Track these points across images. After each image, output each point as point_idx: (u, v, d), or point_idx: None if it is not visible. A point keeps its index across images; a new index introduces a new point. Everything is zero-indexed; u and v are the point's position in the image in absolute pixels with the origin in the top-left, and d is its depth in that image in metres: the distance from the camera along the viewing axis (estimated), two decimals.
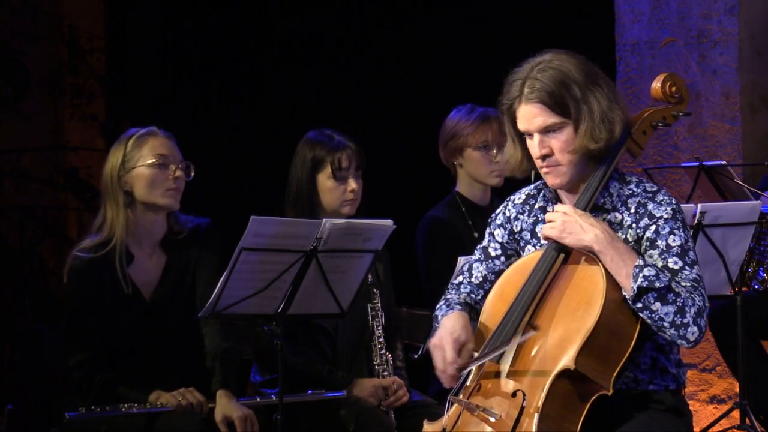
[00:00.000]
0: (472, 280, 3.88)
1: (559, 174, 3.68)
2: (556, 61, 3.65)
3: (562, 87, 3.61)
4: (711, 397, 6.64)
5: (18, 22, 7.91)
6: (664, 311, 3.51)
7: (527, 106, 3.65)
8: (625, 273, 3.54)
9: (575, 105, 3.61)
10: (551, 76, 3.62)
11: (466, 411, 3.59)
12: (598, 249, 3.57)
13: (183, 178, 4.70)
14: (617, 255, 3.56)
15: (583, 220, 3.60)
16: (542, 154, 3.66)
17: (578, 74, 3.63)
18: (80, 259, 4.64)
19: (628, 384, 3.65)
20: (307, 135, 5.08)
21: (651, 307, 3.51)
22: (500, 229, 3.88)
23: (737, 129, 6.64)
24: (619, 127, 3.64)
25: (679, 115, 3.81)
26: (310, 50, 7.82)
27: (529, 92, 3.64)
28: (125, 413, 4.48)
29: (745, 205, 5.39)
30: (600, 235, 3.57)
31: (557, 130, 3.64)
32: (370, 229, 4.48)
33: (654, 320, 3.52)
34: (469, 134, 5.47)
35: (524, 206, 3.85)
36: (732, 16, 6.65)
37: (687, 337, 3.52)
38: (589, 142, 3.62)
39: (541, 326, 3.56)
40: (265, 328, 4.89)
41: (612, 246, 3.57)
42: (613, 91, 3.67)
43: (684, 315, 3.51)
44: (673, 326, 3.51)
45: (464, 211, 5.52)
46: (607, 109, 3.63)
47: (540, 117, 3.64)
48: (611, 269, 3.56)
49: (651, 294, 3.51)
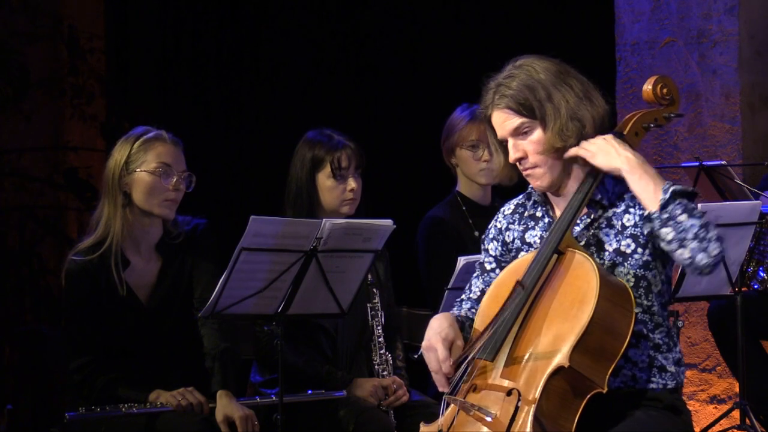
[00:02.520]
0: (471, 295, 3.92)
1: (539, 176, 3.73)
2: (526, 66, 3.72)
3: (527, 89, 3.68)
4: (711, 397, 6.64)
5: (18, 22, 7.91)
6: (690, 223, 3.53)
7: (497, 112, 3.73)
8: (653, 188, 3.57)
9: (539, 105, 3.68)
10: (518, 81, 3.70)
11: (462, 411, 3.59)
12: (627, 168, 3.61)
13: (182, 189, 4.68)
14: (646, 174, 3.60)
15: (619, 145, 3.65)
16: (516, 157, 3.73)
17: (544, 75, 3.70)
18: (75, 263, 4.63)
19: (626, 382, 3.66)
20: (306, 135, 5.09)
21: (677, 218, 3.53)
22: (493, 243, 3.92)
23: (737, 129, 6.64)
24: (589, 124, 3.69)
25: (671, 116, 3.83)
26: (310, 50, 7.82)
27: (498, 99, 3.72)
28: (125, 413, 4.49)
29: (745, 205, 5.39)
30: (631, 158, 3.62)
31: (527, 132, 3.70)
32: (370, 229, 4.48)
33: (678, 231, 3.53)
34: (459, 133, 5.50)
35: (514, 215, 3.89)
36: (732, 16, 6.65)
37: (709, 250, 3.53)
38: (557, 140, 3.67)
39: (524, 283, 3.60)
40: (265, 328, 4.89)
41: (642, 167, 3.61)
42: (585, 89, 3.72)
43: (707, 231, 3.54)
44: (696, 239, 3.53)
45: (465, 211, 5.53)
46: (575, 106, 3.67)
47: (508, 121, 3.71)
48: (637, 188, 3.59)
49: (680, 205, 3.54)
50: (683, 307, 6.48)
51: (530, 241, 3.82)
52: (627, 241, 3.68)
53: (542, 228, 3.80)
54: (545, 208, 3.81)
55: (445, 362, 3.64)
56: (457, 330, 3.71)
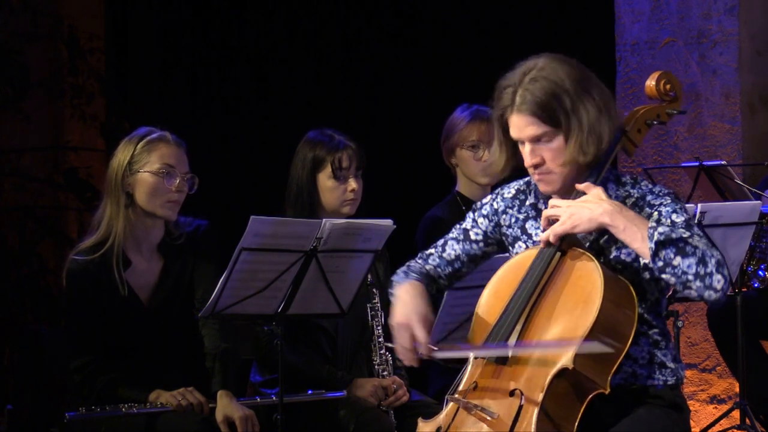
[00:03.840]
0: (444, 255, 3.90)
1: (551, 182, 3.70)
2: (548, 70, 3.64)
3: (553, 98, 3.61)
4: (711, 397, 6.64)
5: (18, 22, 7.91)
6: (686, 264, 3.49)
7: (520, 116, 3.66)
8: (640, 237, 3.52)
9: (566, 116, 3.62)
10: (543, 87, 3.62)
11: (464, 410, 3.59)
12: (609, 221, 3.55)
13: (185, 190, 4.68)
14: (629, 222, 3.54)
15: (584, 202, 3.60)
16: (533, 163, 3.68)
17: (570, 83, 3.62)
18: (77, 262, 4.62)
19: (627, 379, 3.66)
20: (307, 135, 5.08)
21: (672, 263, 3.49)
22: (485, 219, 3.89)
23: (737, 129, 6.64)
24: (606, 138, 3.64)
25: (673, 113, 3.81)
26: (310, 50, 7.82)
27: (520, 102, 3.64)
28: (125, 413, 4.48)
29: (745, 205, 5.39)
30: (608, 208, 3.56)
31: (548, 140, 3.65)
32: (370, 229, 4.48)
33: (678, 276, 3.49)
34: (459, 134, 5.49)
35: (514, 201, 3.86)
36: (732, 16, 6.65)
37: (714, 286, 3.49)
38: (578, 154, 3.63)
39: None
40: (265, 328, 4.89)
41: (622, 215, 3.55)
42: (604, 98, 3.66)
43: (706, 265, 3.49)
44: (698, 278, 3.48)
45: (464, 211, 5.51)
46: (595, 121, 3.62)
47: (531, 127, 3.65)
48: (626, 238, 3.55)
49: (670, 248, 3.49)
50: (683, 307, 6.48)
51: (531, 232, 3.80)
52: (628, 249, 3.65)
53: None
54: (548, 202, 3.77)
55: (425, 346, 3.63)
56: (430, 305, 3.71)
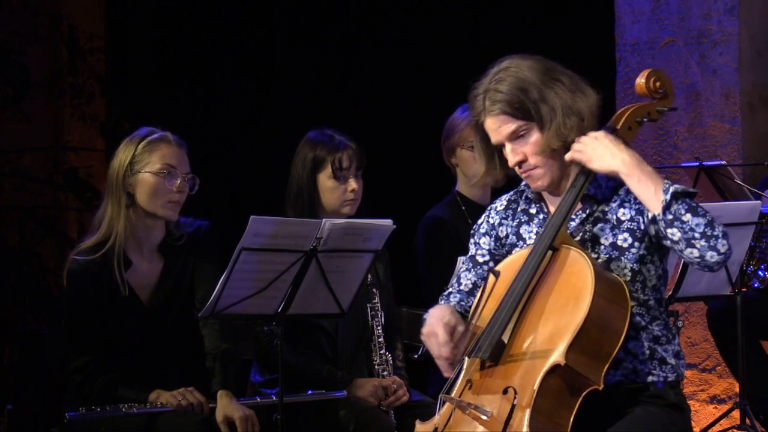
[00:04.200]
0: (462, 288, 3.90)
1: (539, 176, 3.72)
2: (512, 68, 3.69)
3: (520, 92, 3.66)
4: (711, 397, 6.64)
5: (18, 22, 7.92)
6: (695, 222, 3.50)
7: (491, 118, 3.70)
8: (653, 189, 3.54)
9: (535, 106, 3.65)
10: (508, 84, 3.67)
11: (458, 409, 3.59)
12: (625, 171, 3.57)
13: (186, 191, 4.68)
14: (644, 175, 3.57)
15: (613, 145, 3.61)
16: (516, 161, 3.71)
17: (533, 75, 3.66)
18: (78, 262, 4.62)
19: (627, 375, 3.66)
20: (307, 135, 5.08)
21: (682, 218, 3.51)
22: (486, 237, 3.91)
23: (737, 129, 6.64)
24: (587, 116, 3.66)
25: (664, 110, 3.81)
26: (310, 50, 7.82)
27: (490, 105, 3.69)
28: (125, 413, 4.49)
29: (745, 205, 5.40)
30: (627, 159, 3.58)
31: (525, 135, 3.68)
32: (370, 229, 4.48)
33: (684, 231, 3.50)
34: (459, 134, 5.50)
35: (507, 211, 3.89)
36: (732, 16, 6.65)
37: (717, 248, 3.50)
38: (555, 140, 3.65)
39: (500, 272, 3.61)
40: (265, 328, 4.89)
41: (639, 168, 3.58)
42: (573, 81, 3.69)
43: (714, 228, 3.51)
44: (704, 237, 3.50)
45: (464, 211, 5.53)
46: (569, 100, 3.66)
47: (504, 126, 3.69)
48: (638, 190, 3.57)
49: (683, 204, 3.51)
50: (683, 307, 6.48)
51: (525, 236, 3.81)
52: (624, 235, 3.68)
53: (537, 224, 3.79)
54: (539, 204, 3.81)
55: (445, 346, 3.59)
56: (458, 317, 3.66)
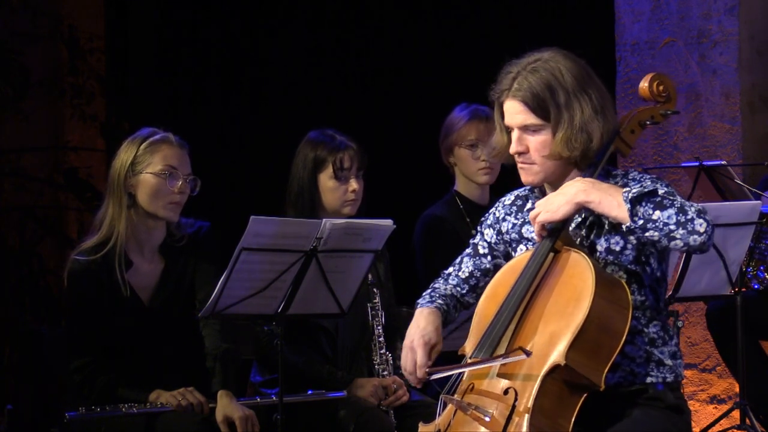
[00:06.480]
0: (460, 273, 3.93)
1: (532, 173, 3.72)
2: (551, 62, 3.68)
3: (548, 91, 3.65)
4: (711, 397, 6.64)
5: (18, 22, 7.91)
6: (666, 215, 3.47)
7: (512, 101, 3.70)
8: (617, 204, 3.51)
9: (556, 111, 3.65)
10: (540, 77, 3.66)
11: (460, 410, 3.60)
12: (585, 198, 3.55)
13: (187, 192, 4.68)
14: (603, 193, 3.54)
15: (558, 190, 3.61)
16: (518, 150, 3.71)
17: (568, 79, 3.66)
18: (78, 262, 4.62)
19: (625, 377, 3.66)
20: (308, 135, 5.09)
21: (652, 218, 3.48)
22: (489, 229, 3.92)
23: (737, 129, 6.64)
24: (597, 139, 3.65)
25: (667, 113, 3.83)
26: (310, 50, 7.82)
27: (516, 89, 3.68)
28: (125, 413, 4.49)
29: (745, 205, 5.39)
30: (581, 186, 3.57)
31: (535, 131, 3.68)
32: (370, 229, 4.48)
33: (660, 229, 3.47)
34: (458, 133, 5.50)
35: (512, 207, 3.89)
36: (732, 16, 6.65)
37: (696, 230, 3.46)
38: (563, 149, 3.65)
39: (532, 351, 3.54)
40: (265, 328, 4.89)
41: (595, 188, 3.55)
42: (602, 100, 3.68)
43: (686, 213, 3.47)
44: (680, 225, 3.46)
45: (462, 210, 5.53)
46: (588, 119, 3.64)
47: (520, 115, 3.69)
48: (604, 209, 3.54)
49: (646, 204, 3.48)
50: (683, 307, 6.48)
51: (528, 236, 3.82)
52: (616, 238, 3.68)
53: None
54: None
55: (421, 369, 3.69)
56: (439, 333, 3.75)
